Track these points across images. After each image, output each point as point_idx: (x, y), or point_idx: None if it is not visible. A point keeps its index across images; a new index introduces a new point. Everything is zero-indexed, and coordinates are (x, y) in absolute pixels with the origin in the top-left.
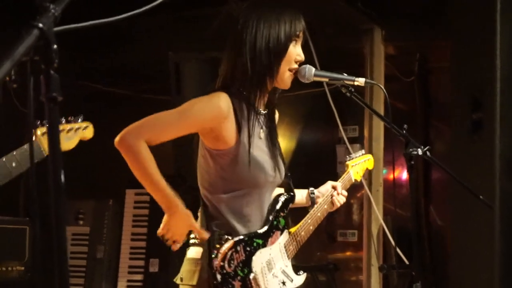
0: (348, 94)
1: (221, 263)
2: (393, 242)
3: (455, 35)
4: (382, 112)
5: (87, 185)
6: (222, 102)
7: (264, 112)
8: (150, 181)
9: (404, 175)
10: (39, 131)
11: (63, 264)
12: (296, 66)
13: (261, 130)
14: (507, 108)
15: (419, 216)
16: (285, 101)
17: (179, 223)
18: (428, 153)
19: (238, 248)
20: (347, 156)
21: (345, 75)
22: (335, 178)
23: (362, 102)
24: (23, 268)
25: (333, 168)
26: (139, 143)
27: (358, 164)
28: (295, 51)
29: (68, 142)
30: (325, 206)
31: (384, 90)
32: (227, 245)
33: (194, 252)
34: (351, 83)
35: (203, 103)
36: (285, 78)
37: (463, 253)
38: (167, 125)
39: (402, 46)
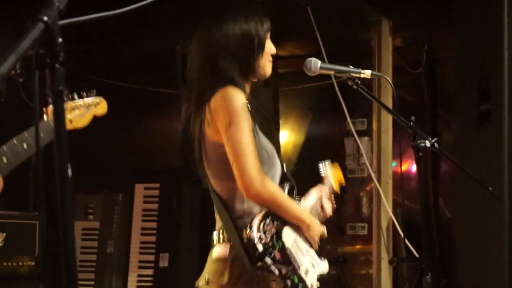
0: (354, 86)
1: (258, 233)
2: (402, 235)
3: (462, 26)
4: (390, 104)
5: (97, 180)
6: (238, 91)
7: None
8: (288, 212)
9: (413, 168)
10: (51, 108)
11: (70, 259)
12: (270, 58)
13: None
14: None
15: (428, 209)
16: (293, 94)
17: (313, 231)
18: (436, 144)
19: (268, 221)
20: (321, 171)
21: (351, 68)
22: (344, 172)
23: (369, 94)
24: (33, 263)
25: (342, 161)
26: (268, 180)
27: (333, 175)
28: (270, 45)
29: (81, 118)
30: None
31: (391, 82)
32: (258, 218)
33: (220, 251)
34: (357, 75)
35: (232, 102)
36: (266, 69)
37: (471, 245)
38: (249, 142)
39: (409, 38)
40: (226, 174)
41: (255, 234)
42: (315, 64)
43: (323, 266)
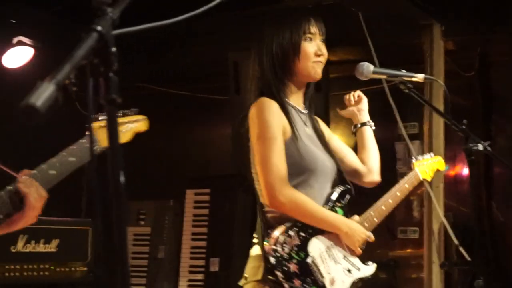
0: (406, 90)
1: (273, 247)
2: (454, 239)
3: None
4: (441, 108)
5: (148, 186)
6: (271, 102)
7: (305, 112)
8: (319, 222)
9: (465, 171)
10: (96, 124)
11: (125, 264)
12: (318, 59)
13: (306, 128)
14: None
15: (481, 212)
16: (344, 99)
17: (352, 238)
18: (488, 147)
19: (291, 233)
20: (413, 157)
21: (403, 72)
22: (395, 175)
23: (421, 98)
24: (86, 268)
25: (393, 165)
26: (292, 191)
27: (426, 164)
28: (311, 47)
29: (122, 134)
30: (398, 193)
31: (444, 85)
32: (278, 230)
33: (258, 250)
34: (410, 79)
35: (263, 115)
36: (310, 71)
37: None
38: (275, 155)
39: (462, 41)
40: None
41: (269, 247)
42: (367, 68)
43: (365, 271)
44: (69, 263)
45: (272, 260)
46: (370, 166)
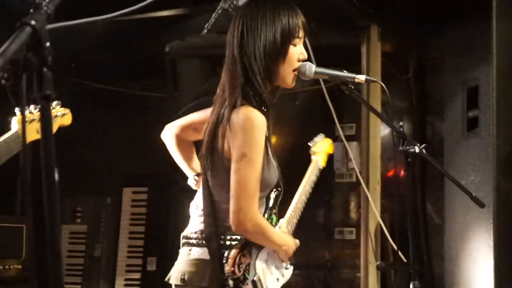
0: (347, 92)
1: (232, 269)
2: (391, 240)
3: (451, 32)
4: (378, 110)
5: (85, 183)
6: (260, 117)
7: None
8: (274, 243)
9: (402, 173)
10: (19, 120)
11: (57, 262)
12: (298, 65)
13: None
14: (503, 105)
15: (416, 214)
16: (282, 99)
17: (287, 252)
18: (424, 150)
19: (245, 252)
20: (311, 142)
21: (345, 72)
22: (332, 175)
23: (362, 100)
24: (20, 266)
25: (330, 166)
26: (260, 220)
27: (322, 151)
28: (297, 51)
29: None
30: (303, 197)
31: (385, 87)
32: (235, 250)
33: (201, 253)
34: (352, 80)
35: (252, 132)
36: (288, 80)
37: (459, 251)
38: (255, 181)
39: (398, 44)
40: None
41: (229, 269)
42: (309, 68)
43: (287, 275)
44: (3, 260)
45: (231, 283)
46: None
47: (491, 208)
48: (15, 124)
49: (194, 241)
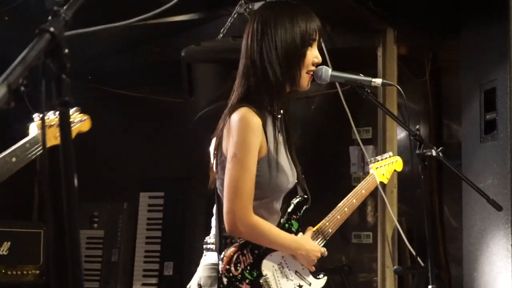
0: (364, 95)
1: (227, 267)
2: (408, 244)
3: (467, 34)
4: (394, 113)
5: (102, 188)
6: (255, 118)
7: (279, 116)
8: (278, 245)
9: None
10: (35, 124)
11: (77, 268)
12: (314, 68)
13: (279, 134)
14: None
15: (433, 217)
16: (299, 103)
17: (308, 259)
18: (441, 154)
19: (245, 251)
20: (372, 159)
21: (361, 76)
22: (349, 180)
23: (379, 103)
24: (38, 271)
25: (347, 170)
26: (253, 221)
27: (383, 166)
28: (312, 54)
29: None
30: (346, 209)
31: (402, 91)
32: (232, 249)
33: (213, 258)
34: (368, 84)
35: (244, 133)
36: (304, 81)
37: (477, 254)
38: (245, 181)
39: (414, 46)
40: None
41: (223, 267)
42: (326, 72)
43: (316, 285)
44: (21, 266)
45: (225, 280)
46: None
47: (510, 212)
48: (33, 129)
49: (209, 246)
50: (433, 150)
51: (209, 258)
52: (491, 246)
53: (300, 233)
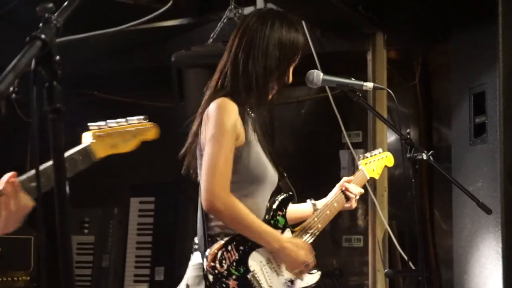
0: (355, 99)
1: (211, 264)
2: (398, 247)
3: (456, 38)
4: (384, 117)
5: (92, 194)
6: (231, 104)
7: (253, 115)
8: (254, 231)
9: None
10: (90, 133)
11: (69, 273)
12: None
13: (257, 134)
14: (510, 111)
15: (424, 221)
16: (288, 107)
17: (288, 257)
18: (431, 157)
19: (229, 248)
20: (361, 155)
21: (353, 80)
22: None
23: (370, 107)
24: (28, 278)
25: (337, 173)
26: (231, 199)
27: (373, 162)
28: (290, 72)
29: (125, 144)
30: (335, 204)
31: (393, 95)
32: (216, 246)
33: (200, 257)
34: (359, 88)
35: (221, 115)
36: (279, 89)
37: (468, 257)
38: (222, 160)
39: (404, 50)
40: None
41: (207, 264)
42: (317, 76)
43: (309, 280)
44: (12, 272)
45: (211, 277)
46: None
47: (499, 214)
48: (87, 138)
49: (196, 246)
50: (423, 153)
51: (196, 258)
52: (481, 249)
53: (287, 229)
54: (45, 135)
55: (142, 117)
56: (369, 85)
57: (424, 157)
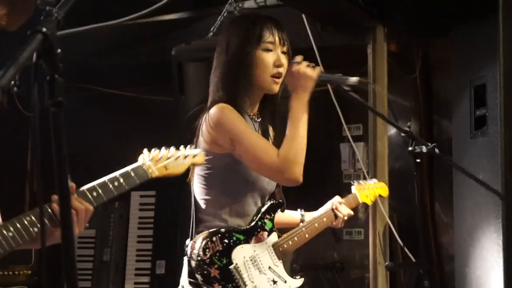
0: (350, 93)
1: (195, 251)
2: (399, 240)
3: (457, 31)
4: (385, 110)
5: None
6: (232, 109)
7: (258, 120)
8: (304, 136)
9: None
10: (148, 155)
11: (72, 267)
12: (276, 70)
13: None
14: (510, 103)
15: (424, 213)
16: (287, 100)
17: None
18: (436, 150)
19: (214, 239)
20: (354, 181)
21: (337, 76)
22: (340, 177)
23: (367, 105)
24: (29, 272)
25: (338, 167)
26: (286, 160)
27: (367, 189)
28: (270, 58)
29: (176, 166)
30: (324, 219)
31: (380, 88)
32: (200, 235)
33: None
34: (343, 82)
35: (227, 118)
36: (267, 85)
37: (469, 250)
38: (258, 142)
39: (404, 44)
40: (208, 184)
41: (190, 251)
42: None
43: (292, 284)
44: (13, 266)
45: (193, 263)
46: None
47: (500, 207)
48: (143, 158)
49: (187, 249)
50: (424, 146)
51: (187, 262)
52: (482, 241)
53: (274, 232)
54: (46, 128)
55: (192, 145)
56: (353, 79)
57: (424, 149)
